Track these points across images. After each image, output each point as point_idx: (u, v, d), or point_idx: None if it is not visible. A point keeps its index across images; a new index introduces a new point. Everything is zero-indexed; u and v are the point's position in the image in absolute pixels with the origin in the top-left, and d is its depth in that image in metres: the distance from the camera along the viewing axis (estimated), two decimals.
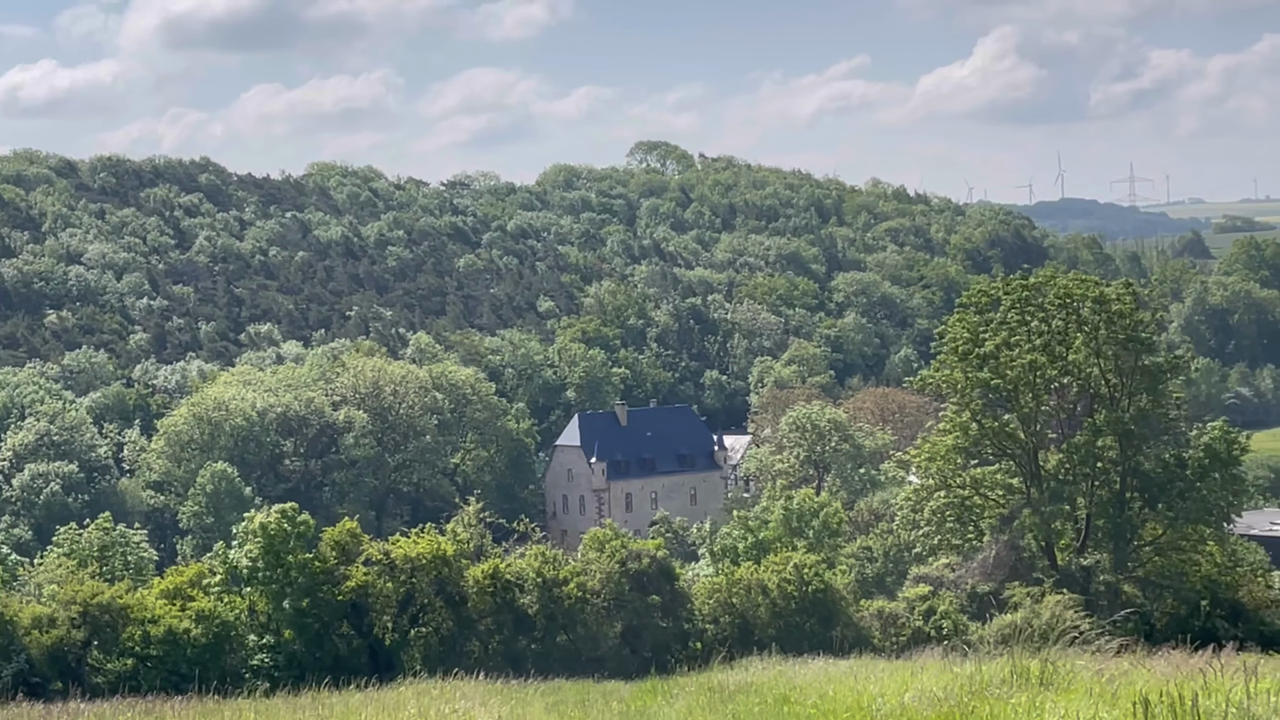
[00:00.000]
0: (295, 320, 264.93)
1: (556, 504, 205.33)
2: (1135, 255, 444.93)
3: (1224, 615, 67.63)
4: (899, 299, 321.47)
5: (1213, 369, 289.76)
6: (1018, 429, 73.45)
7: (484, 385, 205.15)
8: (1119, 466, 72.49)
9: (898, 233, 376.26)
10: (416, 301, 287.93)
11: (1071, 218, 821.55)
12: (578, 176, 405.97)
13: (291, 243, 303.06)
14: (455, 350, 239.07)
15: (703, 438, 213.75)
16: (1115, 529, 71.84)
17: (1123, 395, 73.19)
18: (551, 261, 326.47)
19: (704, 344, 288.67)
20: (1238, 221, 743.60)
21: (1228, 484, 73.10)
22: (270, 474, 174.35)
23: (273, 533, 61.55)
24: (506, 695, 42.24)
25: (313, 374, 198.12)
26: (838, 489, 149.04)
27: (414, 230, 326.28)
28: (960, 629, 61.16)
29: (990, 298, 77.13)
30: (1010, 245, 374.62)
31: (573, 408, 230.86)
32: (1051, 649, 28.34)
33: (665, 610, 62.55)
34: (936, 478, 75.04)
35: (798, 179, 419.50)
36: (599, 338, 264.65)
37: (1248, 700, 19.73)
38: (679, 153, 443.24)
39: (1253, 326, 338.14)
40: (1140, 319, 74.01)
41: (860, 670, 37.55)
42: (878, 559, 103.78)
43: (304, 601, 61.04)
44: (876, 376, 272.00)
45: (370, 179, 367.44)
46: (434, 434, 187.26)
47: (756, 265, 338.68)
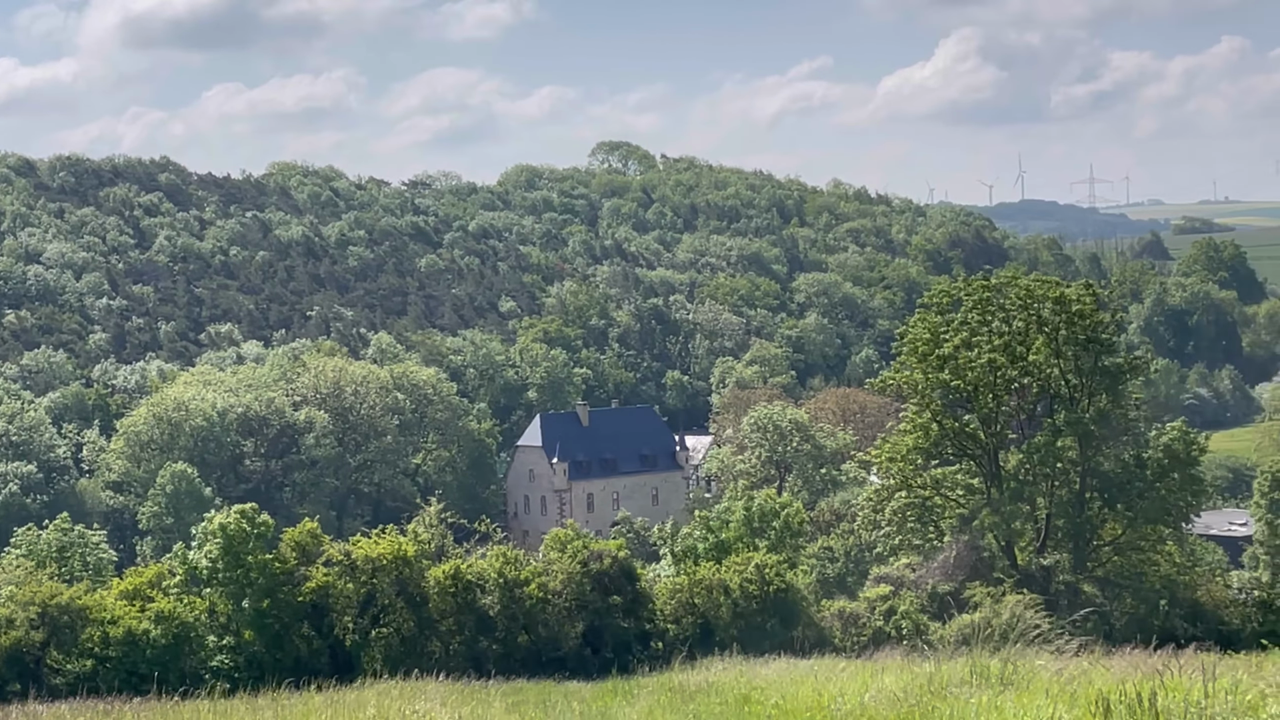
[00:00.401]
0: (256, 320, 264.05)
1: (518, 504, 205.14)
2: (1095, 256, 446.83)
3: (1183, 615, 67.94)
4: (860, 299, 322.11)
5: (1172, 370, 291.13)
6: (978, 429, 73.66)
7: (445, 385, 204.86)
8: (1079, 467, 72.74)
9: (859, 233, 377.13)
10: (378, 301, 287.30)
11: (1032, 219, 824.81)
12: (539, 177, 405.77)
13: (252, 242, 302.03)
14: (416, 350, 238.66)
15: (664, 438, 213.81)
16: (1075, 529, 72.10)
17: (1082, 396, 73.47)
18: (513, 262, 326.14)
19: (666, 344, 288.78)
20: (1197, 223, 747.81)
21: (1186, 484, 73.43)
22: (230, 474, 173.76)
23: (232, 533, 61.31)
24: (467, 695, 42.18)
25: (273, 374, 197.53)
26: (799, 489, 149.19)
27: (375, 230, 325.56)
28: (921, 629, 61.30)
29: (951, 298, 77.32)
30: (971, 246, 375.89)
31: (534, 408, 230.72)
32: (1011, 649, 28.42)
33: (627, 610, 62.53)
34: (897, 478, 75.20)
35: (759, 180, 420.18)
36: (561, 338, 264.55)
37: (1205, 700, 19.82)
38: (641, 153, 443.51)
39: (1211, 327, 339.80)
40: (1100, 320, 74.27)
41: (821, 670, 37.61)
42: (839, 559, 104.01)
43: (264, 602, 60.83)
44: (838, 377, 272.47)
45: (331, 179, 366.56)
46: (395, 434, 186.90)
47: (718, 266, 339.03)
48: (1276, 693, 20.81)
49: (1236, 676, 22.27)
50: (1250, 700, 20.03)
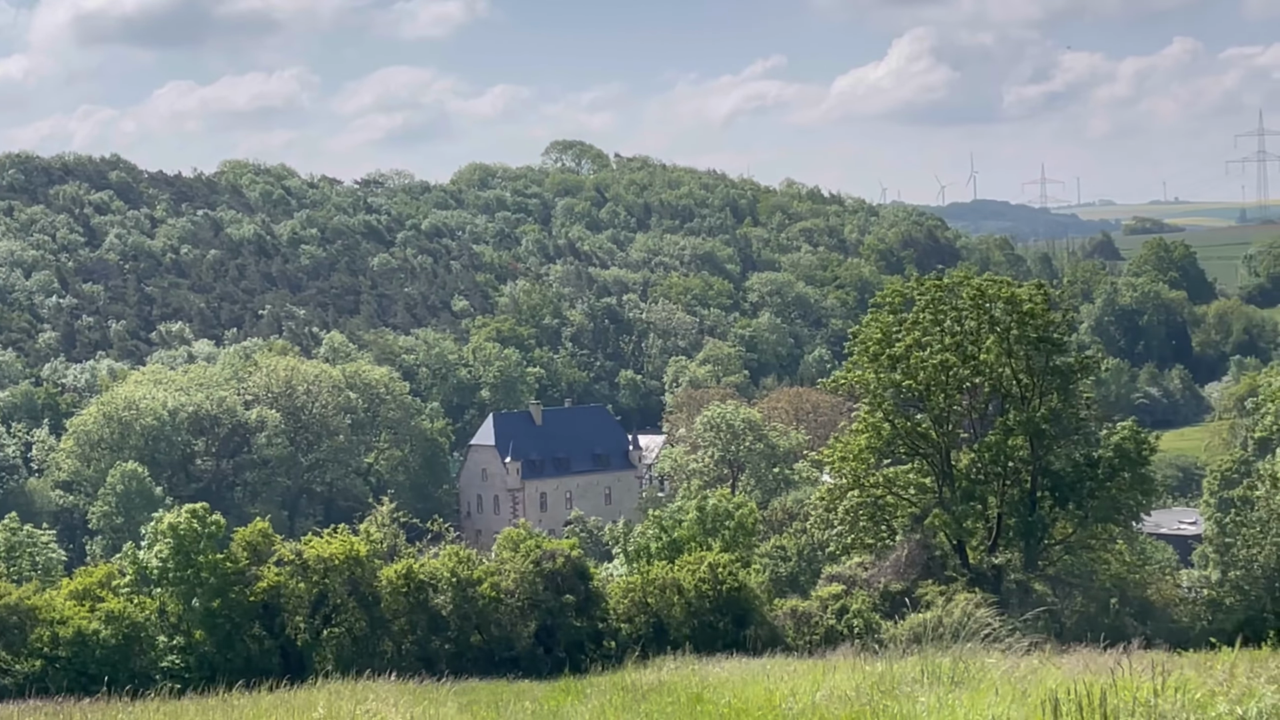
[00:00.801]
0: (207, 319, 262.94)
1: (471, 504, 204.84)
2: (1046, 256, 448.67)
3: (1133, 613, 68.33)
4: (813, 299, 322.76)
5: (1122, 369, 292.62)
6: (930, 429, 73.88)
7: (398, 384, 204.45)
8: (1030, 466, 73.04)
9: (812, 233, 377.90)
10: (330, 300, 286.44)
11: (984, 219, 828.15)
12: (493, 175, 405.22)
13: (203, 241, 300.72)
14: (369, 349, 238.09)
15: (617, 437, 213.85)
16: (1026, 528, 72.38)
17: (1034, 395, 73.76)
18: (466, 260, 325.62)
19: (619, 343, 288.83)
20: (1147, 223, 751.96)
21: (1137, 483, 73.79)
22: (181, 474, 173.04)
23: (183, 533, 61.03)
24: (419, 695, 42.07)
25: (225, 373, 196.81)
26: (752, 488, 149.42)
27: (327, 229, 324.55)
28: (873, 627, 61.45)
29: (903, 298, 77.51)
30: (923, 246, 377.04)
31: (487, 407, 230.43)
32: (962, 647, 28.50)
33: (579, 610, 62.50)
34: (850, 477, 75.35)
35: (712, 179, 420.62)
36: (514, 337, 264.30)
37: (1155, 698, 19.90)
38: (594, 152, 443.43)
39: (1161, 327, 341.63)
40: (1051, 319, 74.58)
41: (773, 669, 37.64)
42: (791, 558, 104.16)
43: (215, 602, 60.58)
44: (791, 376, 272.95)
45: (283, 177, 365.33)
46: (347, 433, 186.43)
47: (671, 265, 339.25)
48: (1225, 691, 20.91)
49: (1185, 675, 22.37)
50: (1199, 698, 20.12)
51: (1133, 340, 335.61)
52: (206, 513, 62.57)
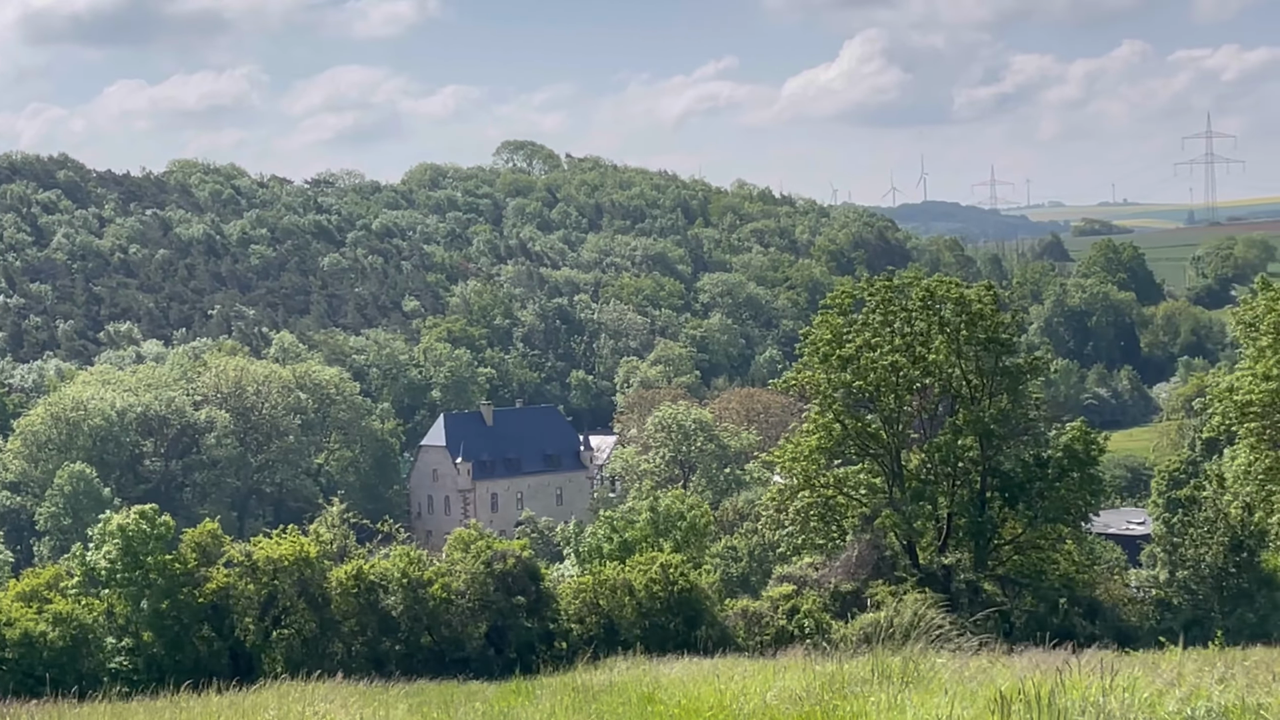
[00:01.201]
0: (156, 319, 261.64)
1: (421, 504, 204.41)
2: (996, 257, 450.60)
3: (1082, 613, 68.64)
4: (764, 300, 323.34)
5: (1071, 370, 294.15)
6: (880, 429, 74.04)
7: (348, 385, 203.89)
8: (979, 466, 73.30)
9: (763, 234, 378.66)
10: (280, 300, 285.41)
11: (934, 220, 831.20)
12: (444, 175, 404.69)
13: (152, 240, 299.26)
14: (319, 350, 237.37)
15: (569, 438, 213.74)
16: (976, 528, 72.64)
17: (983, 396, 74.02)
18: (417, 261, 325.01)
19: (570, 344, 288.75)
20: (1096, 225, 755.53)
21: (1086, 484, 74.11)
22: (130, 474, 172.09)
23: (131, 534, 60.71)
24: (369, 697, 41.96)
25: (174, 373, 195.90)
26: (703, 489, 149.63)
27: (277, 228, 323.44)
28: (823, 628, 61.57)
29: (853, 299, 77.67)
30: (874, 247, 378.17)
31: (438, 408, 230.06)
32: (913, 647, 28.56)
33: (530, 611, 62.44)
34: (800, 478, 75.43)
35: (664, 180, 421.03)
36: (465, 337, 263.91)
37: (1103, 697, 19.99)
38: (545, 152, 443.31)
39: (1110, 328, 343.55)
40: (1001, 320, 74.84)
41: (724, 669, 37.65)
42: (743, 558, 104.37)
43: (164, 603, 60.28)
44: (742, 377, 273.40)
45: (233, 176, 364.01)
46: (297, 434, 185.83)
47: (623, 265, 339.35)
48: (1172, 690, 21.02)
49: (1134, 674, 22.48)
50: (1148, 698, 20.22)
51: (1081, 341, 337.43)
52: (155, 514, 62.25)
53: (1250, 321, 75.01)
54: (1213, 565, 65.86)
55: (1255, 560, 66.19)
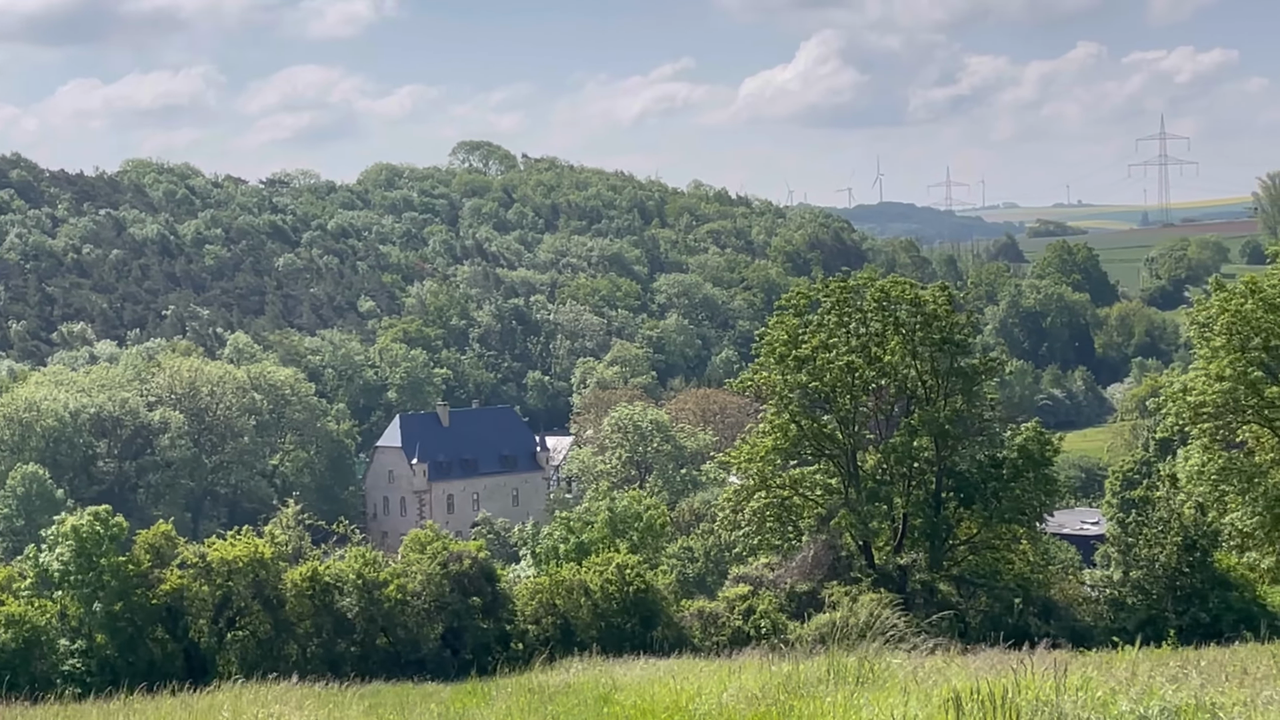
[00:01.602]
0: (109, 319, 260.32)
1: (377, 505, 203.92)
2: (952, 258, 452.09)
3: (1036, 613, 68.80)
4: (720, 300, 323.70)
5: (1026, 371, 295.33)
6: (836, 430, 74.13)
7: (303, 386, 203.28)
8: (935, 467, 73.43)
9: (719, 235, 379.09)
10: (234, 301, 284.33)
11: (889, 221, 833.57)
12: (399, 176, 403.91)
13: (106, 240, 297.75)
14: (274, 350, 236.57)
15: (525, 439, 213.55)
16: (931, 528, 72.79)
17: (939, 396, 74.16)
18: (373, 261, 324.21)
19: (527, 345, 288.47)
20: (1050, 226, 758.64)
21: (1041, 484, 74.32)
22: (83, 476, 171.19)
23: (84, 535, 60.37)
24: (324, 699, 41.87)
25: (127, 374, 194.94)
26: (659, 489, 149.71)
27: (232, 229, 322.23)
28: (779, 628, 61.62)
29: (809, 300, 77.73)
30: (830, 248, 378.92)
31: (394, 408, 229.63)
32: (868, 647, 28.62)
33: (486, 611, 62.34)
34: (756, 478, 75.46)
35: (620, 180, 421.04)
36: (421, 338, 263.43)
37: (1057, 696, 20.07)
38: (501, 153, 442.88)
39: (1065, 329, 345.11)
40: (956, 321, 75.00)
41: (680, 670, 37.68)
42: (699, 559, 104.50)
43: (117, 605, 59.96)
44: (698, 378, 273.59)
45: (187, 176, 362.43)
46: (252, 435, 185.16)
47: (579, 266, 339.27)
48: (1126, 689, 21.12)
49: (1088, 674, 22.57)
50: (1101, 697, 20.31)
51: (1036, 342, 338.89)
52: (109, 515, 61.92)
53: (1204, 322, 75.45)
54: (1166, 565, 66.10)
55: (1208, 560, 66.48)
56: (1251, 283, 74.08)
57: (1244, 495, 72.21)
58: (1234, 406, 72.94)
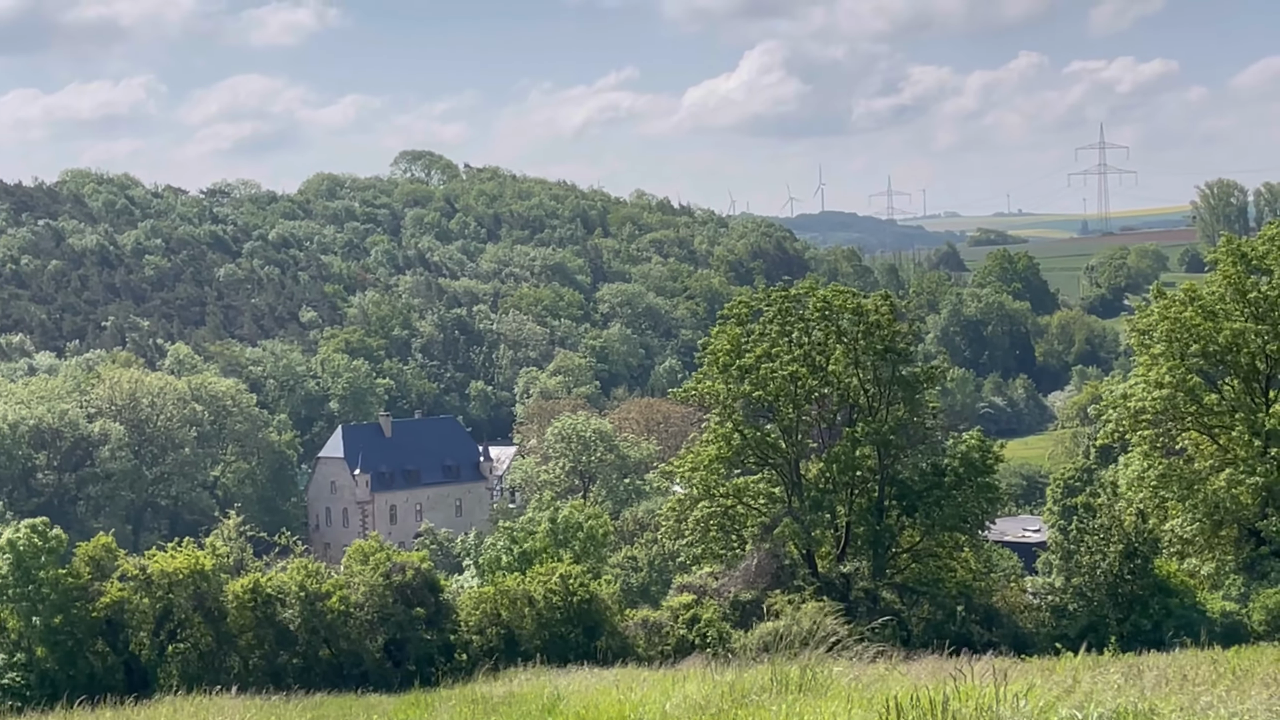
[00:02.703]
0: (48, 330, 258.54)
1: (319, 516, 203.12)
2: (893, 267, 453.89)
3: (978, 620, 69.11)
4: (663, 310, 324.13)
5: (968, 379, 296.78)
6: (779, 439, 74.32)
7: (245, 396, 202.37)
8: (877, 475, 73.71)
9: (662, 244, 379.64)
10: (175, 311, 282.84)
11: (831, 230, 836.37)
12: (341, 186, 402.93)
13: (44, 251, 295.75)
14: (215, 361, 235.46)
15: (468, 449, 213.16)
16: (874, 537, 73.05)
17: (881, 405, 74.45)
18: (314, 271, 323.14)
19: (469, 355, 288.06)
20: (991, 235, 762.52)
21: (982, 492, 74.70)
22: (22, 488, 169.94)
23: (23, 549, 59.92)
24: (267, 711, 41.68)
25: (67, 385, 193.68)
26: (603, 499, 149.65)
27: (172, 239, 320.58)
28: (723, 637, 61.69)
29: (751, 309, 77.93)
30: (772, 257, 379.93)
31: (336, 419, 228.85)
32: (811, 655, 28.71)
33: (430, 622, 62.18)
34: (700, 487, 75.57)
35: (563, 190, 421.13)
36: (363, 348, 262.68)
37: (996, 703, 20.15)
38: (444, 163, 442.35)
39: (1005, 338, 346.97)
40: (897, 330, 75.33)
41: (624, 679, 37.67)
42: (643, 568, 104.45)
43: (56, 618, 59.52)
44: (641, 387, 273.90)
45: (127, 186, 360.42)
46: (193, 446, 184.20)
47: (522, 276, 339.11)
48: (1066, 696, 21.23)
49: (1030, 680, 22.68)
50: (1042, 704, 20.41)
51: (978, 350, 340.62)
52: (47, 527, 61.49)
53: (1144, 329, 76.03)
54: (1108, 572, 66.52)
55: (1149, 567, 66.95)
56: (1191, 290, 74.72)
57: (1184, 502, 72.74)
58: (1174, 413, 73.50)
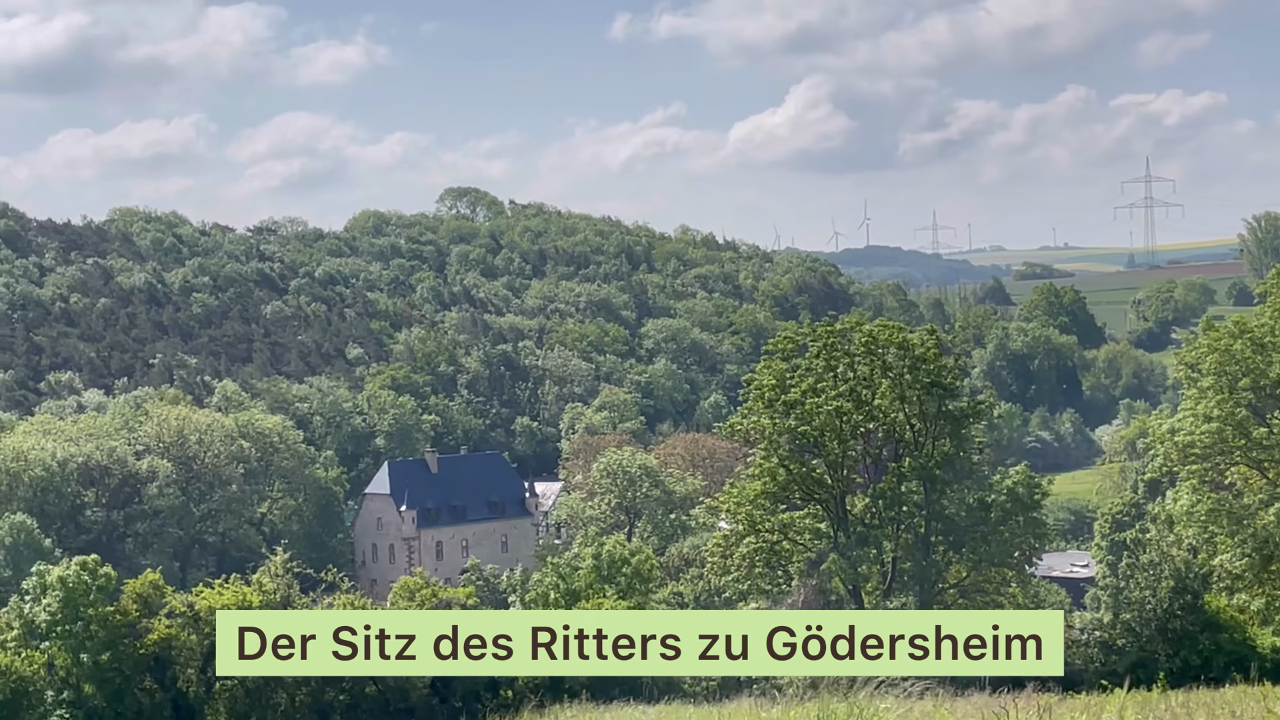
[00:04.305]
0: (97, 368, 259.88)
1: (366, 553, 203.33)
2: (939, 302, 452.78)
3: None
4: (708, 345, 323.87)
5: (1014, 413, 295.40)
6: (825, 474, 74.18)
7: (292, 433, 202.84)
8: (924, 510, 73.48)
9: (707, 279, 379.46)
10: (222, 349, 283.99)
11: (876, 264, 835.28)
12: (387, 222, 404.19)
13: (93, 289, 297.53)
14: (262, 398, 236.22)
15: (514, 485, 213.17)
16: (920, 572, 72.77)
17: (927, 440, 74.23)
18: (360, 308, 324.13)
19: (515, 390, 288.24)
20: (1037, 269, 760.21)
21: (1029, 527, 74.39)
22: (71, 525, 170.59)
23: (72, 585, 60.17)
24: None
25: (115, 423, 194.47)
26: (649, 535, 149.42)
27: (220, 276, 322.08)
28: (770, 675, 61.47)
29: (796, 344, 77.87)
30: (817, 292, 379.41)
31: (382, 455, 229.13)
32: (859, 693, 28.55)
33: None
34: (745, 523, 75.46)
35: (608, 226, 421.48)
36: (409, 385, 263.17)
37: None
38: (489, 199, 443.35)
39: (1052, 372, 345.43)
40: (943, 364, 75.16)
41: (670, 716, 37.56)
42: (689, 604, 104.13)
43: (105, 655, 59.73)
44: (687, 422, 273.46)
45: (175, 225, 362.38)
46: (240, 483, 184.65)
47: (567, 312, 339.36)
48: None
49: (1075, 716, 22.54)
50: None
51: (1024, 384, 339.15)
52: (96, 565, 61.76)
53: (1192, 362, 75.60)
54: (1157, 608, 66.04)
55: (1199, 603, 66.45)
56: (1240, 323, 74.28)
57: (1233, 537, 72.19)
58: (1222, 447, 72.99)
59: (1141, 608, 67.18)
